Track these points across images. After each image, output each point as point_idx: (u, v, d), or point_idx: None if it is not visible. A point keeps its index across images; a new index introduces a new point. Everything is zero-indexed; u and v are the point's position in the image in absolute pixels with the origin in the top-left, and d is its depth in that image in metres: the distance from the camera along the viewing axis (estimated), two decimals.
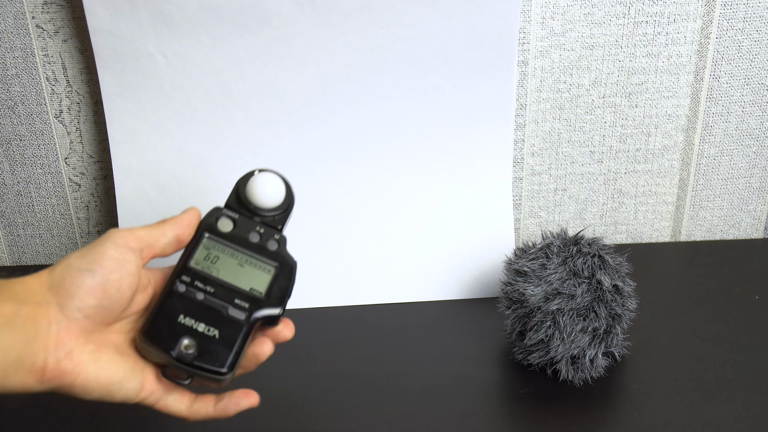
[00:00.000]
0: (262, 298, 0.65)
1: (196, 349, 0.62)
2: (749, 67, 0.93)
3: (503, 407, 0.76)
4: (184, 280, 0.64)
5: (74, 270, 0.58)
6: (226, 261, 0.66)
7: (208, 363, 0.62)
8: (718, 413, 0.73)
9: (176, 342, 0.62)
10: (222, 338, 0.63)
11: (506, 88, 0.89)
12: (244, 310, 0.64)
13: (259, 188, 0.68)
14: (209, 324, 0.63)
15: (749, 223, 1.03)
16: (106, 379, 0.59)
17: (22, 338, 0.55)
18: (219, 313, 0.64)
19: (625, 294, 0.76)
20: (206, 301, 0.64)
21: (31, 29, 0.88)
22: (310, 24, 0.84)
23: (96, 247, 0.60)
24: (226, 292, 0.65)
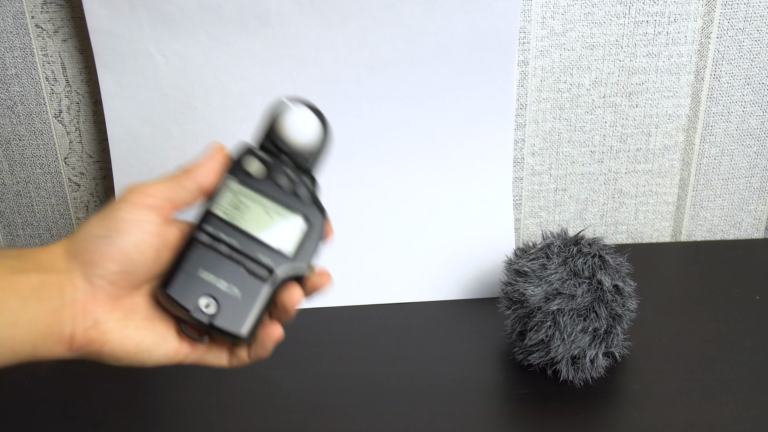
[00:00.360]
0: (288, 255, 0.60)
1: (215, 307, 0.58)
2: (750, 67, 0.93)
3: (503, 408, 0.76)
4: (206, 230, 0.60)
5: (92, 237, 0.57)
6: (252, 208, 0.61)
7: (228, 325, 0.58)
8: (719, 413, 0.73)
9: (195, 299, 0.58)
10: (243, 300, 0.59)
11: (506, 87, 0.89)
12: (267, 268, 0.60)
13: (294, 125, 0.62)
14: (231, 282, 0.59)
15: (750, 223, 1.03)
16: (133, 347, 0.57)
17: (49, 308, 0.54)
18: (242, 268, 0.60)
19: (625, 294, 0.76)
20: (229, 255, 0.60)
21: (30, 29, 0.88)
22: (309, 23, 0.84)
23: (112, 211, 0.58)
24: (251, 245, 0.60)
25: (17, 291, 0.54)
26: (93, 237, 0.57)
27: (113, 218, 0.57)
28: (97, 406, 0.77)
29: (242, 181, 0.61)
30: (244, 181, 0.61)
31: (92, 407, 0.76)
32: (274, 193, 0.61)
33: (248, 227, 0.60)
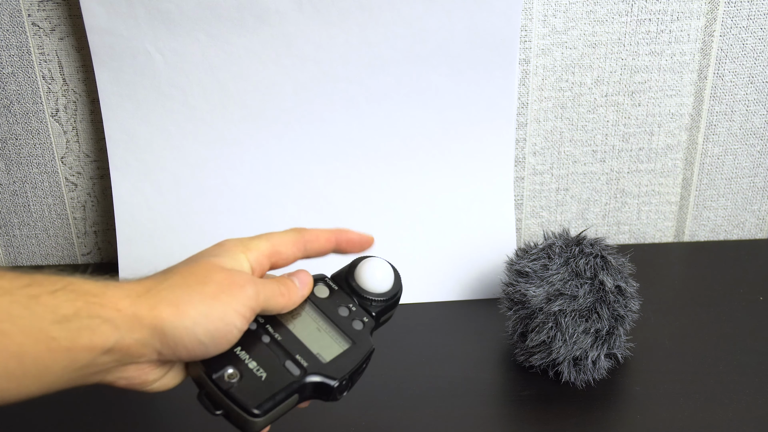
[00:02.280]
0: (323, 363, 0.61)
1: (237, 380, 0.59)
2: (753, 66, 0.93)
3: (505, 409, 0.76)
4: (258, 320, 0.61)
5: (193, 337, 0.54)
6: (305, 321, 0.63)
7: (243, 397, 0.58)
8: (721, 415, 0.73)
9: (222, 367, 0.58)
10: (267, 382, 0.60)
11: (508, 86, 0.89)
12: (300, 367, 0.61)
13: (367, 271, 0.67)
14: (261, 366, 0.60)
15: (753, 223, 1.02)
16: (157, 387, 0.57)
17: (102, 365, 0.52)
18: (276, 360, 0.61)
19: (627, 295, 0.76)
20: (269, 346, 0.61)
21: (27, 27, 0.87)
22: (308, 22, 0.84)
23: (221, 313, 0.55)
24: (292, 345, 0.62)
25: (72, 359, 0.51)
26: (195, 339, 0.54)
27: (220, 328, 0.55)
28: (96, 406, 0.76)
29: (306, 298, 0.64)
30: (307, 299, 0.64)
31: (92, 408, 0.76)
32: (331, 314, 0.64)
33: (296, 331, 0.62)
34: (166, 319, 0.52)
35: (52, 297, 0.50)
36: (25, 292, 0.50)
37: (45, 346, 0.49)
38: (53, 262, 1.00)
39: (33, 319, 0.49)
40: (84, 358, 0.50)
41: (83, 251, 0.99)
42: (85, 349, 0.50)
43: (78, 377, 0.51)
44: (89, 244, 0.99)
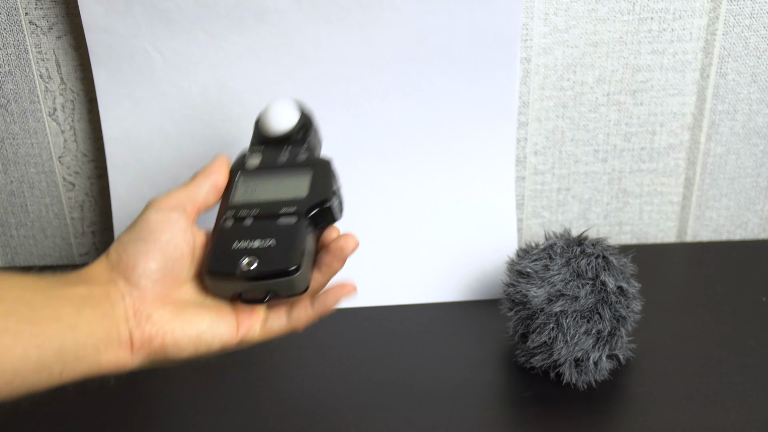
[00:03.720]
0: (306, 197, 0.65)
1: (257, 261, 0.62)
2: (756, 64, 0.92)
3: (505, 411, 0.75)
4: (228, 215, 0.65)
5: (126, 243, 0.61)
6: (263, 185, 0.67)
7: (272, 267, 0.62)
8: (724, 417, 0.73)
9: (236, 264, 0.62)
10: (279, 243, 0.63)
11: (509, 85, 0.88)
12: (292, 214, 0.64)
13: (270, 116, 0.70)
14: (263, 237, 0.64)
15: (756, 223, 1.02)
16: (194, 331, 0.60)
17: (101, 313, 0.57)
18: (270, 226, 0.64)
19: (629, 295, 0.75)
20: (255, 222, 0.64)
21: (24, 25, 0.87)
22: (308, 20, 0.84)
23: (140, 220, 0.62)
24: (271, 207, 0.65)
25: (70, 299, 0.56)
26: (128, 243, 0.61)
27: (143, 223, 0.61)
28: (94, 408, 0.76)
29: (247, 172, 0.68)
30: (248, 172, 0.68)
31: (90, 409, 0.76)
32: (276, 168, 0.68)
33: (264, 197, 0.66)
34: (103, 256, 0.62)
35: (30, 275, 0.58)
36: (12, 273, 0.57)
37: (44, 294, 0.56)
38: (51, 263, 0.99)
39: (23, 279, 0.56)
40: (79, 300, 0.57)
41: (81, 251, 0.99)
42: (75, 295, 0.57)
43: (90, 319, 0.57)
44: (87, 244, 0.99)
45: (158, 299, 0.60)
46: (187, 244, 0.62)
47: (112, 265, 0.60)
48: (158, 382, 0.80)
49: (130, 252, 0.60)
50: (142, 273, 0.60)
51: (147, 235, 0.61)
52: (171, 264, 0.61)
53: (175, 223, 0.62)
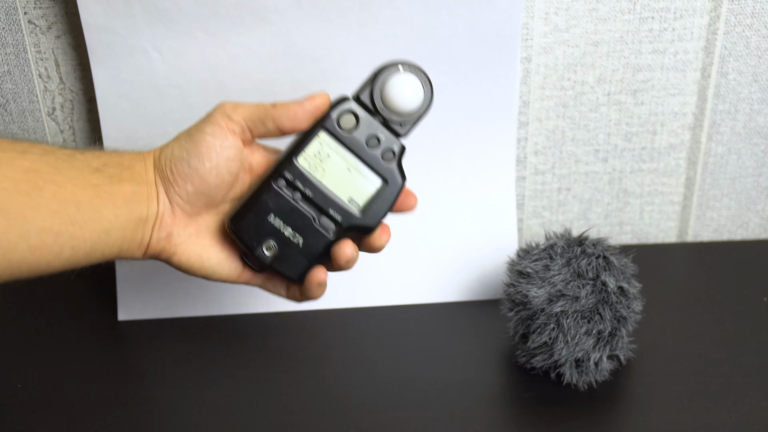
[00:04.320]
0: (356, 214, 0.64)
1: (276, 251, 0.63)
2: (757, 64, 0.92)
3: (506, 411, 0.75)
4: (285, 177, 0.63)
5: (174, 157, 0.62)
6: (335, 162, 0.64)
7: (284, 269, 0.64)
8: (725, 417, 0.72)
9: (260, 241, 0.63)
10: (304, 248, 0.64)
11: (509, 85, 0.88)
12: (335, 223, 0.64)
13: (395, 89, 0.64)
14: (296, 230, 0.64)
15: (757, 223, 1.02)
16: (199, 263, 0.64)
17: (137, 218, 0.61)
18: (310, 220, 0.64)
19: (630, 296, 0.75)
20: (301, 205, 0.63)
21: (23, 25, 0.87)
22: (308, 19, 0.83)
23: (198, 131, 0.62)
24: (324, 199, 0.64)
25: (114, 201, 0.59)
26: (175, 157, 0.62)
27: (197, 140, 0.62)
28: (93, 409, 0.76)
29: (332, 133, 0.63)
30: (333, 133, 0.63)
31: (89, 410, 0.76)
32: (359, 150, 0.64)
33: (326, 180, 0.64)
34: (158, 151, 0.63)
35: (82, 154, 0.60)
36: (63, 152, 0.59)
37: (92, 192, 0.58)
38: None
39: (75, 171, 0.58)
40: (121, 201, 0.60)
41: None
42: (118, 194, 0.60)
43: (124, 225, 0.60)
44: None
45: (185, 217, 0.63)
46: (232, 172, 0.63)
47: (159, 168, 0.62)
48: (158, 382, 0.79)
49: (175, 167, 0.62)
50: (178, 191, 0.62)
51: (193, 158, 0.62)
52: (208, 190, 0.63)
53: (227, 151, 0.62)
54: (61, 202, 0.56)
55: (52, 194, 0.56)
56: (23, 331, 0.87)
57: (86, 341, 0.86)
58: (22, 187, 0.55)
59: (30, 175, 0.56)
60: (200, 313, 0.89)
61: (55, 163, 0.58)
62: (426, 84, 0.65)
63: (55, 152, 0.59)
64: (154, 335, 0.86)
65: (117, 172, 0.61)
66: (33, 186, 0.55)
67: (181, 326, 0.87)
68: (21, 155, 0.56)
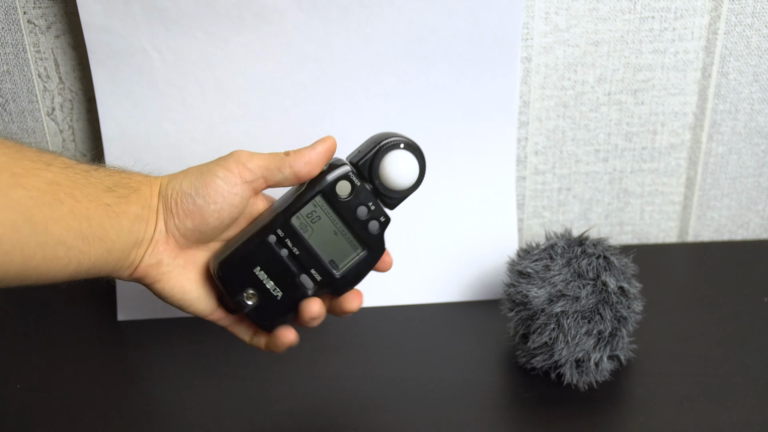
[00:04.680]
0: (335, 276, 0.66)
1: (255, 301, 0.65)
2: (758, 64, 0.92)
3: (506, 412, 0.75)
4: (278, 234, 0.65)
5: (182, 192, 0.64)
6: (324, 224, 0.66)
7: (259, 319, 0.66)
8: (726, 418, 0.72)
9: (242, 290, 0.65)
10: (281, 301, 0.66)
11: (509, 84, 0.88)
12: (314, 283, 0.66)
13: (393, 166, 0.66)
14: (278, 284, 0.66)
15: (758, 223, 1.02)
16: (180, 294, 0.65)
17: (135, 239, 0.62)
18: (292, 276, 0.66)
19: (630, 296, 0.75)
20: (287, 261, 0.65)
21: (22, 25, 0.86)
22: (308, 19, 0.83)
23: (210, 173, 0.64)
24: (308, 258, 0.66)
25: (120, 221, 0.61)
26: (183, 192, 0.64)
27: (207, 181, 0.64)
28: (92, 409, 0.76)
29: (327, 198, 0.65)
30: (328, 198, 0.65)
31: (88, 410, 0.75)
32: (349, 217, 0.66)
33: (312, 240, 0.66)
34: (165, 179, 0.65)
35: (96, 171, 0.62)
36: (81, 168, 0.61)
37: (103, 210, 0.60)
38: None
39: (91, 189, 0.60)
40: (126, 222, 0.61)
41: None
42: (125, 214, 0.61)
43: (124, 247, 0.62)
44: None
45: (177, 248, 0.65)
46: (232, 218, 0.65)
47: (164, 196, 0.64)
48: (157, 382, 0.79)
49: (180, 201, 0.64)
50: (177, 224, 0.64)
51: (201, 194, 0.63)
52: (206, 229, 0.64)
53: (234, 198, 0.64)
54: (77, 217, 0.58)
55: (70, 209, 0.57)
56: (22, 332, 0.87)
57: (85, 341, 0.85)
58: (45, 199, 0.56)
59: (53, 188, 0.57)
60: None
61: (74, 177, 0.59)
62: (421, 163, 0.67)
63: (74, 167, 0.60)
64: (153, 335, 0.86)
65: (125, 193, 0.63)
66: (54, 198, 0.57)
67: (180, 326, 0.87)
68: (46, 167, 0.57)
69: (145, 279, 0.65)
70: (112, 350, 0.85)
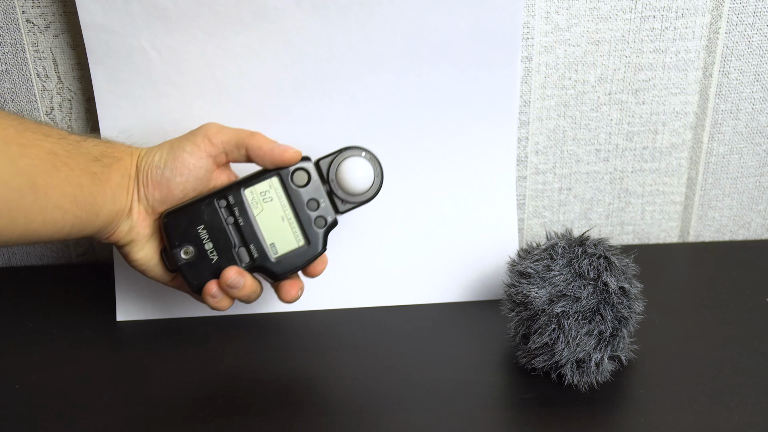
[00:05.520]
0: (270, 259, 0.72)
1: (191, 258, 0.71)
2: (759, 63, 0.92)
3: (506, 413, 0.75)
4: (228, 200, 0.71)
5: (154, 165, 0.71)
6: (274, 207, 0.71)
7: (188, 277, 0.72)
8: (727, 418, 0.72)
9: (182, 243, 0.71)
10: (215, 265, 0.71)
11: (509, 84, 0.88)
12: (250, 258, 0.72)
13: (348, 170, 0.73)
14: (216, 248, 0.71)
15: (759, 223, 1.01)
16: (143, 261, 0.73)
17: (118, 206, 0.69)
18: (229, 245, 0.71)
19: (631, 296, 0.75)
20: (229, 229, 0.71)
21: (21, 24, 0.86)
22: (307, 18, 0.83)
23: (179, 147, 0.71)
24: (250, 233, 0.71)
25: (104, 189, 0.67)
26: (153, 164, 0.71)
27: (175, 155, 0.71)
28: (91, 409, 0.75)
29: (283, 181, 0.72)
30: (284, 182, 0.72)
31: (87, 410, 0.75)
32: (299, 206, 0.72)
33: (259, 218, 0.71)
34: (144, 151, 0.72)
35: (85, 142, 0.68)
36: (73, 138, 0.67)
37: (91, 178, 0.66)
38: (48, 263, 0.99)
39: (81, 158, 0.66)
40: (110, 190, 0.68)
41: (78, 251, 0.98)
42: (108, 182, 0.67)
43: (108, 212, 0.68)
44: (84, 244, 0.98)
45: (147, 216, 0.72)
46: (196, 190, 0.72)
47: (138, 166, 0.71)
48: (156, 382, 0.79)
49: (150, 173, 0.70)
50: (146, 194, 0.71)
51: (169, 167, 0.70)
52: (171, 200, 0.71)
53: (199, 170, 0.71)
54: (71, 184, 0.63)
55: (65, 176, 0.63)
56: (21, 332, 0.87)
57: (84, 342, 0.85)
58: (45, 167, 0.61)
59: (51, 157, 0.62)
60: (198, 314, 0.89)
61: (68, 147, 0.65)
62: (378, 177, 0.74)
63: (68, 137, 0.66)
64: (152, 335, 0.86)
65: (109, 162, 0.69)
66: (52, 166, 0.62)
67: (179, 327, 0.87)
68: (45, 138, 0.63)
69: (118, 242, 0.72)
70: (111, 350, 0.84)
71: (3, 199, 0.58)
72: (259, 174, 0.72)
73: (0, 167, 0.58)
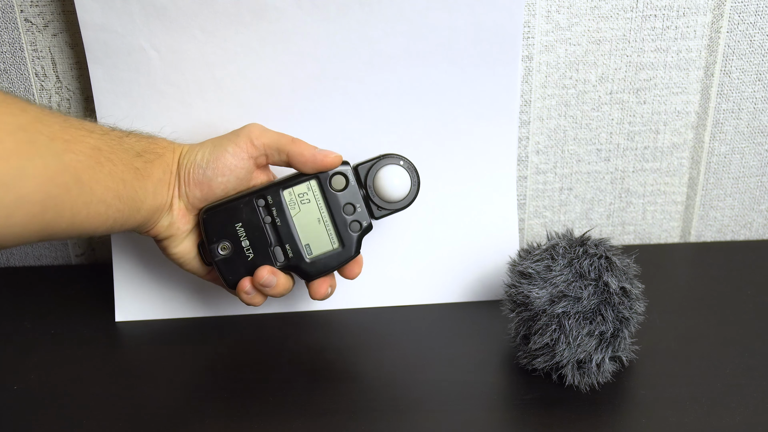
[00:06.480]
0: (305, 260, 0.74)
1: (227, 254, 0.73)
2: (761, 63, 0.91)
3: (507, 413, 0.75)
4: (267, 200, 0.73)
5: (195, 163, 0.73)
6: (311, 209, 0.74)
7: (224, 272, 0.74)
8: (729, 419, 0.72)
9: (219, 239, 0.73)
10: (250, 262, 0.73)
11: (510, 83, 0.87)
12: (285, 257, 0.74)
13: (386, 177, 0.75)
14: (252, 246, 0.73)
15: (761, 223, 1.01)
16: (181, 254, 0.75)
17: (159, 201, 0.71)
18: (265, 243, 0.73)
19: (632, 296, 0.75)
20: (267, 228, 0.73)
21: (19, 23, 0.86)
22: (307, 18, 0.83)
23: (221, 147, 0.73)
24: (286, 233, 0.73)
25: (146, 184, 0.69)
26: (195, 163, 0.73)
27: (217, 155, 0.73)
28: (90, 409, 0.75)
29: (321, 184, 0.74)
30: (322, 186, 0.74)
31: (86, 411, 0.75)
32: (335, 210, 0.74)
33: (296, 219, 0.74)
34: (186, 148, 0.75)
35: (128, 137, 0.70)
36: (115, 134, 0.69)
37: (134, 173, 0.68)
38: (47, 263, 0.99)
39: (124, 153, 0.68)
40: (151, 185, 0.70)
41: (77, 252, 0.98)
42: (150, 177, 0.70)
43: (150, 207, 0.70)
44: (83, 244, 0.98)
45: (187, 212, 0.74)
46: (236, 189, 0.74)
47: (180, 163, 0.73)
48: (155, 383, 0.79)
49: (192, 171, 0.73)
50: (187, 191, 0.73)
51: (211, 167, 0.73)
52: (212, 198, 0.74)
53: (240, 172, 0.73)
54: (114, 179, 0.65)
55: (109, 171, 0.65)
56: (20, 332, 0.87)
57: (83, 342, 0.85)
58: (90, 162, 0.63)
59: (95, 152, 0.64)
60: (198, 314, 0.89)
61: (111, 143, 0.67)
62: (414, 185, 0.76)
63: (110, 133, 0.68)
64: (151, 336, 0.86)
65: (152, 158, 0.71)
66: (96, 162, 0.64)
67: (178, 327, 0.87)
68: (89, 134, 0.65)
69: (157, 236, 0.74)
70: (111, 350, 0.84)
71: (50, 194, 0.58)
72: (298, 175, 0.74)
73: (46, 163, 0.58)
